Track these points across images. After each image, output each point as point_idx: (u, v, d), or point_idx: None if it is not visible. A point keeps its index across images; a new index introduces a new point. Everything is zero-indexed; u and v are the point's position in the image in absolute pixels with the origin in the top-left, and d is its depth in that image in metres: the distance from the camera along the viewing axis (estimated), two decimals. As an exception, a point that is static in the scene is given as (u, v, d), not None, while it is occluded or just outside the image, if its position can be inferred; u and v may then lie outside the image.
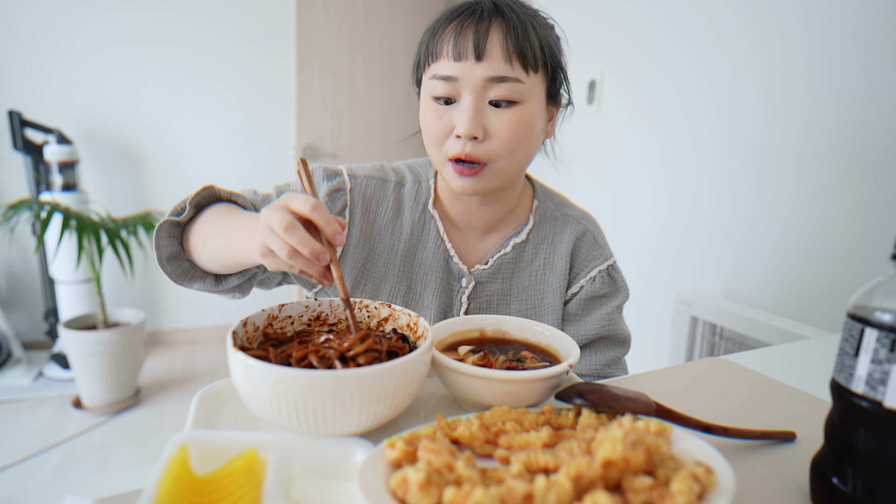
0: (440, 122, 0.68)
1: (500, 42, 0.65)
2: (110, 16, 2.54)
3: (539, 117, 0.70)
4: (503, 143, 0.67)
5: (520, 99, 0.67)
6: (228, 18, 2.71)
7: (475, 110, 0.66)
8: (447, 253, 0.79)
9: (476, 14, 0.66)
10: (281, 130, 2.90)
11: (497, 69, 0.65)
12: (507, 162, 0.69)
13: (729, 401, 0.62)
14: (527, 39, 0.66)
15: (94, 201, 2.55)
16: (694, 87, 1.50)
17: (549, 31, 0.72)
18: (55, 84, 2.53)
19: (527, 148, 0.70)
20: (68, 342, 2.15)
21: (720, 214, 1.44)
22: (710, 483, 0.36)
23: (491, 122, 0.67)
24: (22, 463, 1.87)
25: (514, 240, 0.81)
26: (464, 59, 0.65)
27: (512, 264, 0.81)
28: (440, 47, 0.67)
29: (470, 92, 0.66)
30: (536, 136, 0.71)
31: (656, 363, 1.65)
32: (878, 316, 0.38)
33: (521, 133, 0.68)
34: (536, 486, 0.34)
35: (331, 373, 0.43)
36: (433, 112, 0.69)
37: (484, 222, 0.80)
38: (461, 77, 0.66)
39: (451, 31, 0.67)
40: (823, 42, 1.18)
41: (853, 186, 1.14)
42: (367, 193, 0.79)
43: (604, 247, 0.84)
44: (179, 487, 0.37)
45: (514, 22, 0.65)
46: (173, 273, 0.72)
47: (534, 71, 0.67)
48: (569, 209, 0.86)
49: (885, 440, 0.39)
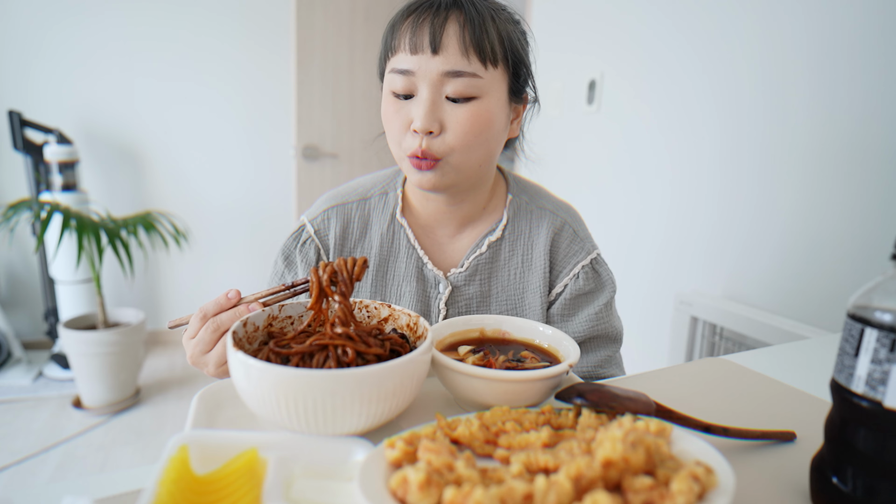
0: (398, 117, 0.68)
1: (457, 35, 0.64)
2: (110, 15, 2.54)
3: (499, 113, 0.69)
4: (458, 137, 0.66)
5: (477, 94, 0.66)
6: (228, 17, 2.71)
7: (431, 104, 0.65)
8: (420, 261, 0.78)
9: (434, 7, 0.65)
10: (281, 130, 2.90)
11: (453, 63, 0.64)
12: (463, 157, 0.68)
13: (729, 401, 0.62)
14: (484, 32, 0.65)
15: (94, 201, 2.55)
16: (694, 87, 1.50)
17: (513, 26, 0.70)
18: (55, 84, 2.53)
19: (484, 143, 0.69)
20: (68, 342, 2.15)
21: (721, 215, 1.44)
22: (710, 483, 0.36)
23: (447, 117, 0.66)
24: (22, 463, 1.87)
25: (488, 238, 0.78)
26: (420, 52, 0.65)
27: (489, 264, 0.79)
28: (398, 41, 0.67)
29: (427, 86, 0.65)
30: (496, 133, 0.70)
31: (656, 363, 1.65)
32: (879, 316, 0.38)
33: (478, 128, 0.67)
34: (536, 487, 0.34)
35: (331, 372, 0.43)
36: (392, 107, 0.69)
37: (456, 221, 0.79)
38: (417, 71, 0.65)
39: (408, 25, 0.66)
40: (825, 41, 1.18)
41: (853, 186, 1.14)
42: (332, 224, 0.79)
43: (585, 239, 0.81)
44: (179, 487, 0.37)
45: (471, 14, 0.65)
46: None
47: (492, 65, 0.66)
48: (545, 201, 0.83)
49: (886, 440, 0.38)
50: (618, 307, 0.85)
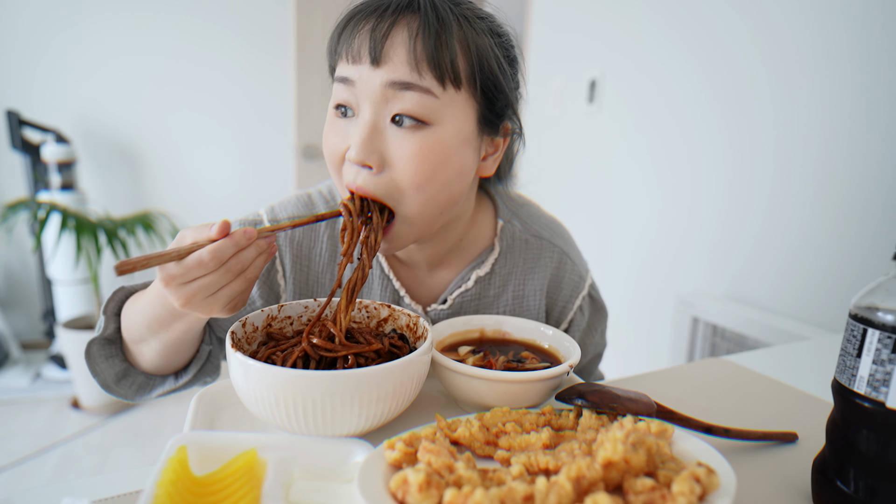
0: (336, 140, 0.55)
1: (405, 44, 0.51)
2: (109, 15, 2.53)
3: (460, 148, 0.55)
4: (404, 177, 0.53)
5: (429, 119, 0.52)
6: (229, 17, 2.71)
7: (371, 128, 0.52)
8: (396, 293, 0.68)
9: (381, 8, 0.52)
10: (281, 130, 2.90)
11: (400, 74, 0.51)
12: (415, 204, 0.54)
13: (730, 401, 0.62)
14: (443, 44, 0.51)
15: (93, 201, 2.55)
16: (697, 85, 1.50)
17: (492, 39, 0.56)
18: (53, 83, 2.52)
19: (440, 186, 0.54)
20: (66, 342, 2.14)
21: (722, 215, 1.44)
22: (712, 484, 0.36)
23: (390, 148, 0.53)
24: (20, 464, 1.87)
25: (476, 271, 0.68)
26: (359, 61, 0.52)
27: (475, 301, 0.69)
28: (340, 45, 0.55)
29: (369, 104, 0.53)
30: (455, 172, 0.55)
31: (657, 364, 1.65)
32: (881, 316, 0.38)
33: (429, 166, 0.53)
34: (537, 488, 0.34)
35: (330, 373, 0.42)
36: (332, 126, 0.56)
37: (427, 259, 0.67)
38: (357, 81, 0.53)
39: (350, 27, 0.54)
40: (830, 40, 1.18)
41: (855, 186, 1.14)
42: (294, 238, 0.67)
43: (581, 264, 0.74)
44: (178, 489, 0.37)
45: (428, 20, 0.51)
46: (129, 392, 0.61)
47: (453, 85, 0.52)
48: (538, 226, 0.73)
49: (888, 441, 0.38)
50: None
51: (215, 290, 0.46)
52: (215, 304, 0.47)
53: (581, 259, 0.75)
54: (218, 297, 0.47)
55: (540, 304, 0.72)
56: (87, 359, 0.59)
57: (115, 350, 0.61)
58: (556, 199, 2.00)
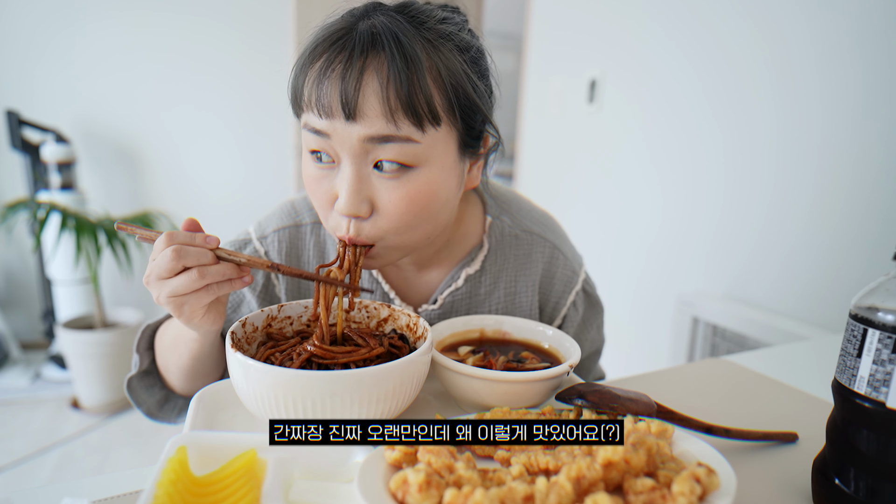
0: (321, 190, 0.55)
1: (378, 94, 0.49)
2: (109, 14, 2.53)
3: (446, 180, 0.55)
4: (392, 220, 0.53)
5: (413, 162, 0.52)
6: (228, 16, 2.70)
7: (356, 181, 0.52)
8: (386, 296, 0.68)
9: (346, 50, 0.50)
10: (280, 128, 2.89)
11: (377, 128, 0.49)
12: (402, 238, 0.56)
13: (730, 402, 0.62)
14: (416, 87, 0.49)
15: (92, 201, 2.54)
16: (698, 85, 1.50)
17: (461, 57, 0.54)
18: (53, 83, 2.52)
19: (428, 219, 0.55)
20: (66, 343, 2.14)
21: (722, 215, 1.44)
22: (712, 484, 0.36)
23: (378, 194, 0.53)
24: (20, 464, 1.87)
25: (466, 270, 0.68)
26: (332, 116, 0.50)
27: (466, 299, 0.69)
28: (307, 93, 0.52)
29: (349, 157, 0.51)
30: (442, 204, 0.56)
31: (657, 364, 1.65)
32: (881, 317, 0.38)
33: (418, 206, 0.53)
34: (537, 488, 0.34)
35: (330, 373, 0.42)
36: (314, 174, 0.55)
37: (416, 260, 0.68)
38: (333, 134, 0.51)
39: (314, 76, 0.51)
40: (831, 40, 1.18)
41: (855, 187, 1.14)
42: (283, 250, 0.68)
43: (573, 258, 0.73)
44: (178, 489, 0.37)
45: (395, 63, 0.48)
46: (173, 416, 0.67)
47: (433, 125, 0.51)
48: (528, 221, 0.72)
49: (888, 441, 0.38)
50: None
51: (183, 293, 0.49)
52: (185, 306, 0.50)
53: (574, 253, 0.74)
54: (188, 300, 0.50)
55: (532, 300, 0.71)
56: (129, 392, 0.65)
57: (154, 380, 0.67)
58: (555, 199, 2.00)
